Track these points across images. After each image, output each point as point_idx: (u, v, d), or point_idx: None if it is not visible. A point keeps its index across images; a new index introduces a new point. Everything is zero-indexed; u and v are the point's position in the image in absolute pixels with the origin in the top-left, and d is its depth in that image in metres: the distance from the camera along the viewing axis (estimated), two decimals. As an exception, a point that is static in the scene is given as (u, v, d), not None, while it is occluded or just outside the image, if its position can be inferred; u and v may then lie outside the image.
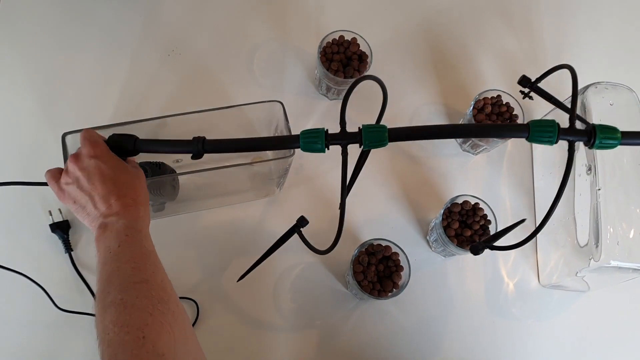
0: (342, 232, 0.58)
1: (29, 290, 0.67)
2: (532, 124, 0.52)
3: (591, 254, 0.70)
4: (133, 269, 0.49)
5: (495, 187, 0.85)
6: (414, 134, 0.54)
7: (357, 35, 0.80)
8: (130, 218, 0.54)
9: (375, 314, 0.76)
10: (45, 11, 0.83)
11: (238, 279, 0.72)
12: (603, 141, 0.51)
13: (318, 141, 0.52)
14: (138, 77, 0.82)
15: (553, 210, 0.56)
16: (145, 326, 0.44)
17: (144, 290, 0.48)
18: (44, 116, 0.77)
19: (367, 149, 0.53)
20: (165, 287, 0.50)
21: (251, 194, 0.78)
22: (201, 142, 0.54)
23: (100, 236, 0.53)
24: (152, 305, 0.46)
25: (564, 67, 0.61)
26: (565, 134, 0.52)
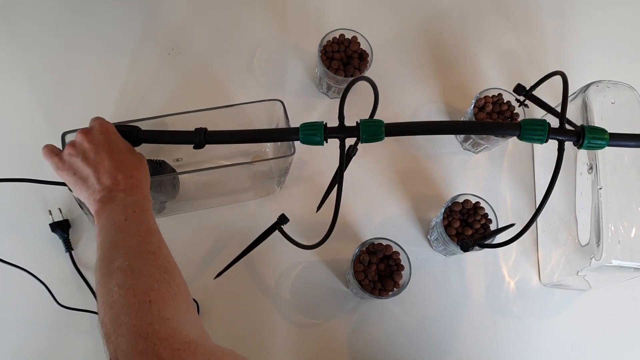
0: (334, 227, 0.58)
1: (30, 286, 0.67)
2: (523, 122, 0.54)
3: (592, 253, 0.70)
4: (139, 241, 0.50)
5: (496, 186, 0.85)
6: (409, 129, 0.55)
7: (357, 34, 0.79)
8: (138, 196, 0.54)
9: (376, 313, 0.76)
10: (45, 10, 0.83)
11: (215, 276, 0.71)
12: (591, 141, 0.53)
13: (317, 134, 0.53)
14: (138, 76, 0.81)
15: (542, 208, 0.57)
16: (152, 291, 0.44)
17: (150, 259, 0.48)
18: (44, 115, 0.77)
19: (364, 142, 0.54)
20: (170, 261, 0.50)
21: (252, 193, 0.78)
22: (203, 132, 0.55)
23: (103, 208, 0.53)
24: (158, 273, 0.47)
25: (556, 74, 0.63)
26: (555, 134, 0.54)
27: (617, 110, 0.74)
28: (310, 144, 0.54)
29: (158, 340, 0.40)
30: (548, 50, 0.95)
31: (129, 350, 0.40)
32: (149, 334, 0.41)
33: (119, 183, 0.54)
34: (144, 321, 0.42)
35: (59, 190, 0.69)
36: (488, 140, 0.80)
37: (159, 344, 0.40)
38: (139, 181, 0.56)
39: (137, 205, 0.53)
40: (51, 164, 0.57)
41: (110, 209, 0.52)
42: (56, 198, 0.73)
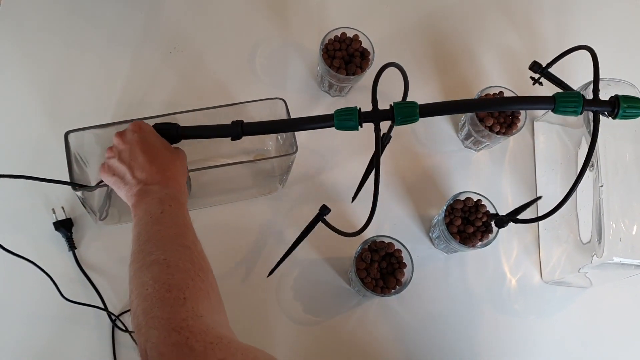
0: (375, 211, 0.59)
1: (35, 280, 0.67)
2: (557, 95, 0.54)
3: (594, 251, 0.70)
4: (176, 234, 0.50)
5: (497, 184, 0.85)
6: (443, 108, 0.56)
7: (359, 32, 0.80)
8: (173, 190, 0.56)
9: (378, 310, 0.76)
10: (47, 9, 0.83)
11: (268, 274, 0.70)
12: (627, 110, 0.53)
13: (352, 118, 0.53)
14: (140, 74, 0.82)
15: (578, 183, 0.58)
16: (187, 288, 0.45)
17: (186, 254, 0.48)
18: (47, 114, 0.77)
19: (399, 124, 0.54)
20: (204, 257, 0.51)
21: (254, 191, 0.79)
22: (240, 125, 0.56)
23: (140, 201, 0.54)
24: (193, 270, 0.47)
25: (582, 48, 0.63)
26: (590, 105, 0.54)
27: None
28: (344, 129, 0.54)
29: (191, 334, 0.41)
30: (549, 47, 0.95)
31: (160, 342, 0.41)
32: (183, 328, 0.41)
33: (153, 176, 0.55)
34: (178, 316, 0.42)
35: (62, 189, 0.69)
36: (489, 139, 0.80)
37: (191, 337, 0.40)
38: (174, 174, 0.57)
39: (173, 198, 0.54)
40: (100, 174, 0.60)
41: (147, 202, 0.53)
42: (59, 197, 0.73)
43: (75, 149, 0.65)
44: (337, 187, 0.81)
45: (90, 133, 0.66)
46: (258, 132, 0.58)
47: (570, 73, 0.85)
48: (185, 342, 0.40)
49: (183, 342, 0.40)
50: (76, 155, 0.65)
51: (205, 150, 0.77)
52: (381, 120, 0.54)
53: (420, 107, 0.53)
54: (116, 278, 0.72)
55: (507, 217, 0.67)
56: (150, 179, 0.55)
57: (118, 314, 0.70)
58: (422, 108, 0.54)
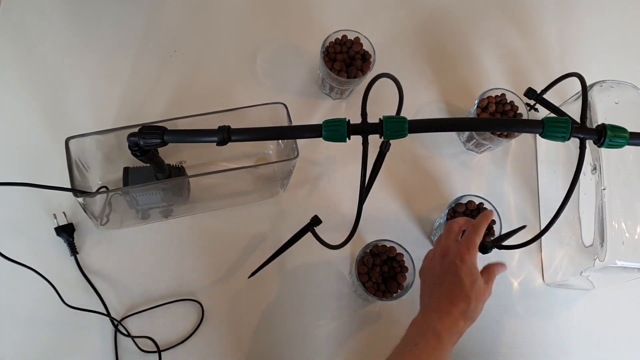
0: (358, 224, 0.59)
1: (36, 286, 0.68)
2: (546, 120, 0.54)
3: (596, 254, 0.70)
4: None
5: (499, 186, 0.85)
6: (432, 126, 0.55)
7: (360, 35, 0.79)
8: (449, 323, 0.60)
9: (380, 315, 0.76)
10: (47, 14, 0.83)
11: (249, 275, 0.72)
12: (613, 140, 0.54)
13: (340, 130, 0.53)
14: (141, 78, 0.81)
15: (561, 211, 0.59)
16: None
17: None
18: (48, 120, 0.77)
19: (387, 139, 0.54)
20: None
21: (255, 195, 0.78)
22: (226, 130, 0.55)
23: (411, 325, 0.62)
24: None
25: (573, 75, 0.63)
26: (578, 132, 0.54)
27: (620, 110, 0.74)
28: (333, 140, 0.54)
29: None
30: (551, 49, 0.95)
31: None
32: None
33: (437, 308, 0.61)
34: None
35: (64, 194, 0.70)
36: (491, 141, 0.80)
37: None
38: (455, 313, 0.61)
39: (435, 335, 0.58)
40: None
41: (411, 329, 0.61)
42: (61, 202, 0.73)
43: (76, 154, 0.65)
44: (338, 190, 0.81)
45: (92, 138, 0.66)
46: (245, 139, 0.57)
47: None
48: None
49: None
50: (77, 161, 0.65)
51: (207, 154, 0.77)
52: (369, 133, 0.54)
53: (409, 122, 0.53)
54: (118, 283, 0.72)
55: (491, 243, 0.66)
56: (433, 309, 0.61)
57: (120, 319, 0.70)
58: (411, 124, 0.53)
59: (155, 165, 0.65)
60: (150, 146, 0.58)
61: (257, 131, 0.57)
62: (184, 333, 0.71)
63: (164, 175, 0.67)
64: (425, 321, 0.61)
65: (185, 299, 0.73)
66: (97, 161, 0.71)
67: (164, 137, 0.57)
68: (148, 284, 0.73)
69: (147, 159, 0.61)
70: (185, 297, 0.73)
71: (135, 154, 0.59)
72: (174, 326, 0.71)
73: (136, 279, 0.73)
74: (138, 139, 0.57)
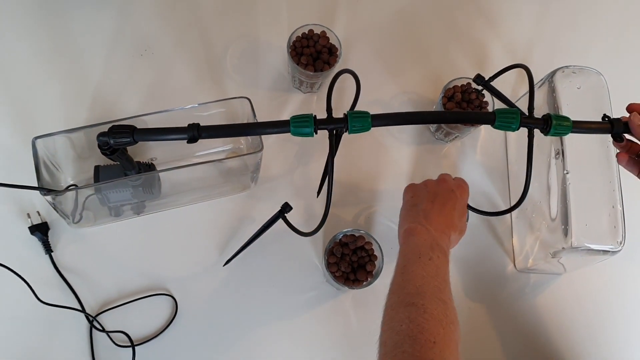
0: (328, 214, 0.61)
1: (10, 284, 0.68)
2: (497, 112, 0.59)
3: (562, 238, 0.71)
4: (436, 287, 0.56)
5: (470, 174, 0.85)
6: (393, 119, 0.59)
7: (325, 29, 0.80)
8: (445, 245, 0.63)
9: (353, 302, 0.77)
10: (15, 16, 0.83)
11: (224, 263, 0.74)
12: (557, 128, 0.59)
13: (307, 125, 0.56)
14: (112, 78, 0.82)
15: (525, 195, 0.64)
16: (437, 335, 0.50)
17: (441, 307, 0.53)
18: (18, 120, 0.78)
19: (352, 133, 0.57)
20: (456, 314, 0.55)
21: (227, 189, 0.79)
22: (196, 128, 0.57)
23: (414, 234, 0.63)
24: (446, 322, 0.52)
25: (519, 66, 0.68)
26: (526, 122, 0.59)
27: (583, 96, 0.75)
28: (300, 135, 0.57)
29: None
30: (519, 37, 0.96)
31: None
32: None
33: (440, 226, 0.64)
34: (426, 356, 0.48)
35: (36, 194, 0.71)
36: (458, 130, 0.81)
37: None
38: (452, 235, 0.66)
39: (442, 251, 0.61)
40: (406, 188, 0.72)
41: (420, 239, 0.62)
42: (34, 201, 0.74)
43: (45, 154, 0.66)
44: (309, 181, 0.82)
45: (63, 138, 0.67)
46: (214, 136, 0.58)
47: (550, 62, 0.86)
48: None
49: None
50: (46, 160, 0.66)
51: (179, 151, 0.78)
52: (335, 128, 0.58)
53: (372, 116, 0.57)
54: (93, 279, 0.73)
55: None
56: (435, 227, 0.63)
57: (95, 314, 0.72)
58: (374, 118, 0.57)
59: (125, 162, 0.66)
60: (121, 145, 0.59)
61: (226, 128, 0.59)
62: (158, 327, 0.73)
63: (134, 172, 0.68)
64: (432, 237, 0.63)
65: (159, 294, 0.74)
66: (69, 160, 0.72)
67: (134, 136, 0.58)
68: (122, 280, 0.74)
69: (117, 157, 0.62)
70: (158, 292, 0.74)
71: (104, 152, 0.61)
72: (148, 321, 0.73)
73: (110, 275, 0.74)
74: (108, 138, 0.58)
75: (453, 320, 0.53)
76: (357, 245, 0.73)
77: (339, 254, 0.72)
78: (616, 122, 0.62)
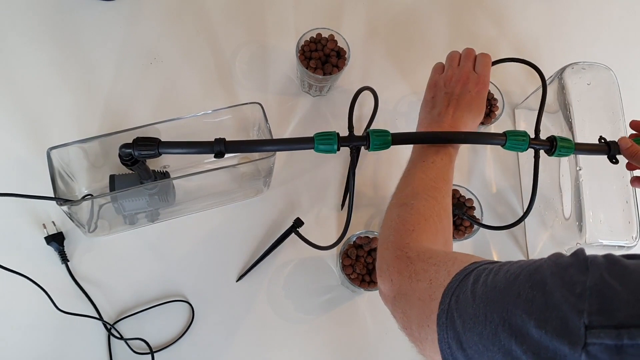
0: (348, 227, 0.64)
1: (30, 294, 0.69)
2: (509, 133, 0.62)
3: (576, 234, 0.71)
4: (432, 187, 0.59)
5: (481, 173, 0.86)
6: (412, 139, 0.63)
7: (334, 32, 0.81)
8: (453, 147, 0.64)
9: (369, 304, 0.77)
10: (26, 27, 0.84)
11: (237, 278, 0.74)
12: (561, 149, 0.63)
13: (332, 143, 0.58)
14: (122, 87, 0.83)
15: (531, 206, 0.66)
16: (417, 224, 0.55)
17: (431, 204, 0.58)
18: (32, 131, 0.78)
19: (373, 150, 0.60)
20: (447, 210, 0.60)
21: (240, 194, 0.80)
22: (222, 143, 0.58)
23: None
24: (430, 215, 0.57)
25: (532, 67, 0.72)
26: (534, 143, 0.63)
27: (593, 92, 0.75)
28: (323, 152, 0.59)
29: (409, 249, 0.52)
30: (527, 35, 0.96)
31: (389, 258, 0.54)
32: (404, 247, 0.53)
33: (451, 125, 0.65)
34: (403, 241, 0.54)
35: (52, 204, 0.71)
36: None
37: (408, 250, 0.52)
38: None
39: (447, 153, 0.63)
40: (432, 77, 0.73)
41: (426, 145, 0.64)
42: (49, 211, 0.75)
43: (59, 164, 0.66)
44: (320, 186, 0.82)
45: (76, 148, 0.68)
46: (241, 151, 0.60)
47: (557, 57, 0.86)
48: (405, 254, 0.52)
49: (403, 255, 0.52)
50: (60, 170, 0.67)
51: (191, 157, 0.78)
52: (358, 145, 0.60)
53: (392, 135, 0.60)
54: (109, 287, 0.74)
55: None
56: (448, 126, 0.65)
57: (113, 322, 0.72)
58: (394, 136, 0.60)
59: (142, 172, 0.66)
60: (145, 157, 0.59)
61: (252, 143, 0.61)
62: (176, 333, 0.73)
63: (150, 181, 0.68)
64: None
65: (176, 300, 0.74)
66: (83, 170, 0.73)
67: (159, 148, 0.58)
68: (139, 287, 0.74)
69: (136, 168, 0.63)
70: (175, 299, 0.74)
71: (125, 163, 0.61)
72: (165, 327, 0.73)
73: (127, 282, 0.74)
74: (133, 150, 0.58)
75: (440, 214, 0.57)
76: (371, 247, 0.73)
77: (353, 256, 0.72)
78: (612, 145, 0.65)
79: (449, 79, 0.70)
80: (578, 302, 0.33)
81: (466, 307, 0.40)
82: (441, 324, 0.42)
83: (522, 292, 0.36)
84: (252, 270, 0.76)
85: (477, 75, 0.69)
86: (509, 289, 0.37)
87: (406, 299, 0.49)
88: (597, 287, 0.33)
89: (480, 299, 0.39)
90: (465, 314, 0.40)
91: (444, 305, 0.42)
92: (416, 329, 0.47)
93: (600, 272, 0.34)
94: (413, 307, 0.48)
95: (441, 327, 0.42)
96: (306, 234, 0.75)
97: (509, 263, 0.41)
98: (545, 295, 0.35)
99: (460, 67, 0.71)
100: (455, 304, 0.41)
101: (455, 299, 0.42)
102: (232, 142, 0.58)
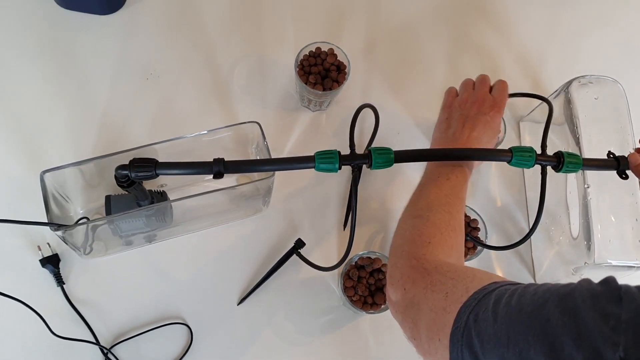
0: (351, 248, 0.63)
1: (24, 318, 0.67)
2: (514, 149, 0.61)
3: (585, 253, 0.69)
4: (447, 202, 0.60)
5: (485, 188, 0.84)
6: (414, 156, 0.61)
7: (333, 46, 0.79)
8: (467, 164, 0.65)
9: (371, 326, 0.75)
10: (20, 42, 0.83)
11: (238, 302, 0.73)
12: (569, 165, 0.61)
13: (332, 162, 0.57)
14: (118, 104, 0.81)
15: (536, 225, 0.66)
16: (434, 237, 0.55)
17: (446, 218, 0.58)
18: (26, 152, 0.77)
19: (375, 169, 0.59)
20: (461, 224, 0.60)
21: (239, 214, 0.78)
22: (221, 163, 0.57)
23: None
24: (445, 229, 0.57)
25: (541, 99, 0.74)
26: (540, 159, 0.62)
27: (601, 105, 0.73)
28: (324, 171, 0.57)
29: (425, 261, 0.52)
30: (530, 46, 0.94)
31: (403, 266, 0.54)
32: (420, 257, 0.53)
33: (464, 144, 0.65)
34: (419, 252, 0.54)
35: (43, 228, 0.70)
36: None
37: (424, 262, 0.52)
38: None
39: (461, 172, 0.63)
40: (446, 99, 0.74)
41: (442, 163, 0.64)
42: (44, 234, 0.73)
43: (53, 186, 0.65)
44: (319, 205, 0.80)
45: (70, 169, 0.66)
46: (239, 171, 0.58)
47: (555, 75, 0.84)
48: (421, 265, 0.52)
49: (419, 265, 0.52)
50: (54, 192, 0.65)
51: (189, 176, 0.76)
52: (360, 164, 0.59)
53: (395, 153, 0.58)
54: (106, 310, 0.72)
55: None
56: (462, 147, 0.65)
57: (109, 346, 0.70)
58: (397, 154, 0.59)
59: (139, 193, 0.64)
60: (142, 178, 0.57)
61: (251, 163, 0.60)
62: (174, 357, 0.71)
63: (147, 202, 0.67)
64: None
65: (174, 323, 0.72)
66: (78, 190, 0.71)
67: (156, 170, 0.57)
68: (136, 310, 0.73)
69: (132, 189, 0.61)
70: (173, 321, 0.73)
71: (121, 184, 0.59)
72: (163, 350, 0.71)
73: (123, 305, 0.73)
74: (129, 171, 0.57)
75: (455, 228, 0.57)
76: (374, 268, 0.71)
77: (355, 277, 0.71)
78: (622, 160, 0.64)
79: (465, 101, 0.70)
80: (613, 334, 0.32)
81: (486, 327, 0.39)
82: (455, 341, 0.41)
83: (552, 318, 0.35)
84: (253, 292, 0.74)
85: (492, 98, 0.69)
86: (538, 312, 0.36)
87: (418, 308, 0.49)
88: (633, 321, 0.32)
89: (503, 319, 0.38)
90: (484, 334, 0.39)
91: (460, 322, 0.41)
92: (425, 341, 0.47)
93: (636, 304, 0.33)
94: (424, 317, 0.47)
95: (455, 344, 0.41)
96: (307, 254, 0.73)
97: (533, 285, 0.40)
98: (577, 323, 0.34)
99: (476, 90, 0.70)
100: (474, 323, 0.40)
101: (473, 317, 0.41)
102: (231, 162, 0.57)
